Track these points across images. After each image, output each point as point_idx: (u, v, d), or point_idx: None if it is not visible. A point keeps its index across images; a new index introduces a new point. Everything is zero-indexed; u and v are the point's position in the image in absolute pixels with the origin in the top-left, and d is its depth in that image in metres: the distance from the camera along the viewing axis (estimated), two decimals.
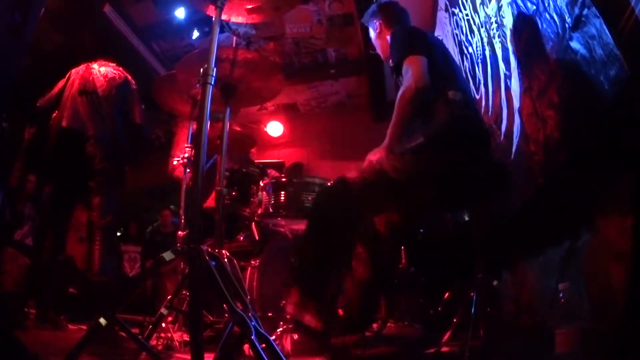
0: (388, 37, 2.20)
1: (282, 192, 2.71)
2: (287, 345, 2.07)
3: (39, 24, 1.98)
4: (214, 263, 1.43)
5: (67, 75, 3.20)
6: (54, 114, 3.04)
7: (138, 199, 5.26)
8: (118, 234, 4.19)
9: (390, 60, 2.05)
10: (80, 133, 2.99)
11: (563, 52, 1.79)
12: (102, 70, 3.25)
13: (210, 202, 3.04)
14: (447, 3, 3.67)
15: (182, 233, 2.83)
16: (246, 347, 1.49)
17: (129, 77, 3.33)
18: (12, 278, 2.94)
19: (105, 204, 2.99)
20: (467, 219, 3.04)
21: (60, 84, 3.17)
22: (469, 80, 3.25)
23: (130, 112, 3.22)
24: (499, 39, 2.57)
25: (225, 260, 1.92)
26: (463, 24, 3.26)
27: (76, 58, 3.39)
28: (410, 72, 1.80)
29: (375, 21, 2.26)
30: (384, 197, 1.78)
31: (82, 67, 3.24)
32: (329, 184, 1.87)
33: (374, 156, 1.82)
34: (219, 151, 2.25)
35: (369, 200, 1.73)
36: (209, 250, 1.51)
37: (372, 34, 2.31)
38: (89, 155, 2.99)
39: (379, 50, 2.31)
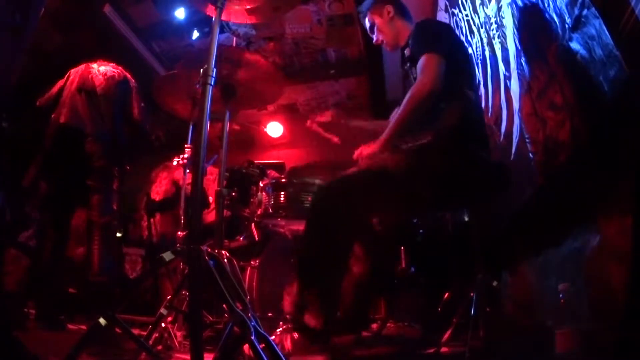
0: (401, 26, 2.15)
1: (282, 193, 2.71)
2: (288, 344, 2.07)
3: (39, 24, 1.98)
4: (213, 263, 1.43)
5: (67, 75, 3.21)
6: (53, 113, 3.04)
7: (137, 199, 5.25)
8: (118, 234, 4.19)
9: (408, 49, 2.02)
10: (78, 130, 2.99)
11: (562, 52, 1.79)
12: (101, 69, 3.25)
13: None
14: (447, 3, 3.68)
15: (181, 233, 2.83)
16: (246, 347, 1.49)
17: (129, 76, 3.34)
18: (15, 279, 2.94)
19: (104, 203, 2.99)
20: (467, 219, 3.03)
21: (60, 83, 3.18)
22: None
23: (130, 109, 3.23)
24: (499, 40, 2.58)
25: (225, 260, 1.92)
26: (463, 25, 3.26)
27: (76, 58, 3.40)
28: (426, 73, 1.77)
29: (386, 6, 2.18)
30: (386, 196, 1.76)
31: (81, 67, 3.25)
32: (327, 182, 1.84)
33: (367, 150, 1.81)
34: (218, 151, 2.26)
35: (370, 197, 1.71)
36: (209, 250, 1.51)
37: (378, 20, 2.20)
38: (88, 153, 2.98)
39: (384, 37, 2.21)
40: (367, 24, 2.28)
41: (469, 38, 3.16)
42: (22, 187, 3.04)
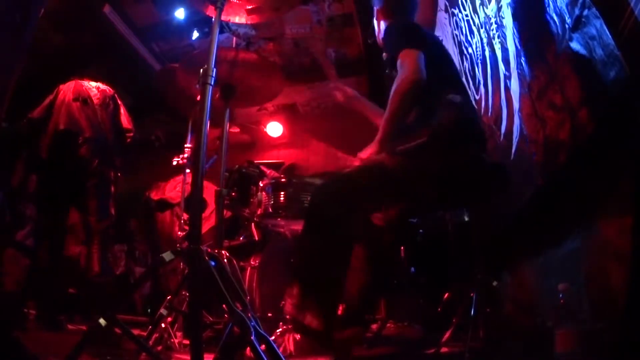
0: (382, 24, 2.12)
1: (282, 193, 2.71)
2: (290, 345, 2.06)
3: (39, 24, 1.98)
4: (213, 263, 1.43)
5: (55, 91, 3.31)
6: (49, 123, 3.12)
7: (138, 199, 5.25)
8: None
9: (384, 54, 2.01)
10: (76, 136, 3.08)
11: (563, 52, 1.79)
12: (92, 83, 3.41)
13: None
14: (447, 4, 3.67)
15: (181, 233, 2.83)
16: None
17: (115, 94, 3.53)
18: (13, 279, 2.95)
19: (101, 208, 3.06)
20: (467, 219, 3.03)
21: (50, 97, 3.29)
22: (468, 81, 3.24)
23: (119, 119, 3.41)
24: (499, 40, 2.58)
25: (225, 260, 1.92)
26: (463, 25, 3.26)
27: (76, 58, 3.44)
28: (406, 66, 1.73)
29: (378, 3, 2.15)
30: (384, 193, 1.75)
31: (71, 83, 3.38)
32: (325, 180, 1.83)
33: (365, 154, 1.80)
34: (217, 152, 2.26)
35: (368, 195, 1.70)
36: (209, 250, 1.51)
37: (375, 14, 2.18)
38: (85, 157, 3.06)
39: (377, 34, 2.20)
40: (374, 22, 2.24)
41: (469, 38, 3.16)
42: (12, 186, 3.10)
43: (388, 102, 1.75)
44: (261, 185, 2.81)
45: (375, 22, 2.21)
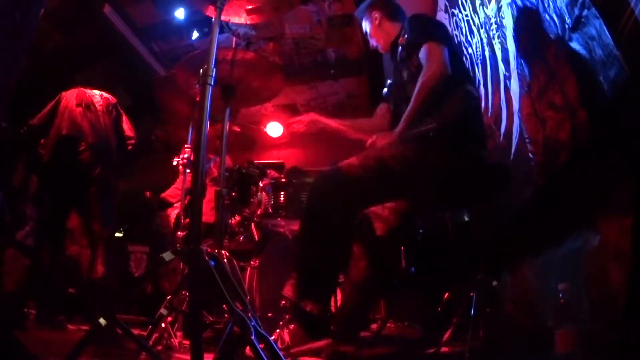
0: (390, 27, 2.18)
1: (282, 193, 2.71)
2: (286, 337, 2.08)
3: (39, 24, 1.99)
4: (213, 263, 1.43)
5: (58, 97, 3.31)
6: (52, 128, 3.12)
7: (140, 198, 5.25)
8: (118, 234, 4.20)
9: (404, 38, 2.01)
10: (78, 141, 3.08)
11: (562, 52, 1.79)
12: (95, 91, 3.43)
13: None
14: (447, 4, 3.68)
15: (181, 233, 2.83)
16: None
17: (117, 103, 3.55)
18: (13, 279, 2.96)
19: (104, 214, 3.06)
20: (467, 219, 3.03)
21: (51, 104, 3.29)
22: None
23: (122, 127, 3.43)
24: (499, 40, 2.58)
25: (225, 260, 1.92)
26: (463, 25, 3.26)
27: (76, 58, 3.43)
28: (433, 60, 1.78)
29: (374, 12, 2.22)
30: (381, 187, 1.75)
31: (73, 90, 3.38)
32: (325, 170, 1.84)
33: (382, 140, 1.80)
34: (218, 152, 2.26)
35: (365, 189, 1.70)
36: (209, 250, 1.51)
37: (369, 26, 2.25)
38: (87, 163, 3.06)
39: (376, 41, 2.25)
40: (363, 31, 2.33)
41: (469, 38, 3.16)
42: (13, 186, 3.10)
43: (414, 94, 1.77)
44: (261, 185, 2.81)
45: (373, 28, 2.23)
